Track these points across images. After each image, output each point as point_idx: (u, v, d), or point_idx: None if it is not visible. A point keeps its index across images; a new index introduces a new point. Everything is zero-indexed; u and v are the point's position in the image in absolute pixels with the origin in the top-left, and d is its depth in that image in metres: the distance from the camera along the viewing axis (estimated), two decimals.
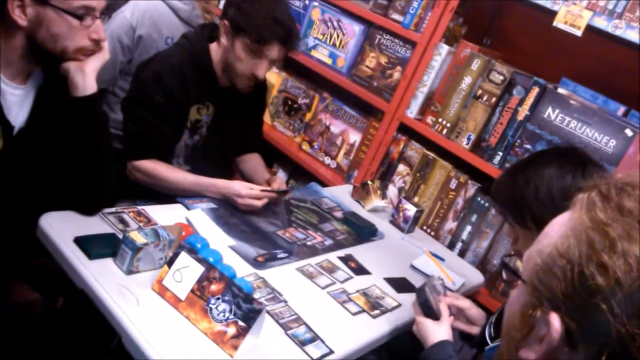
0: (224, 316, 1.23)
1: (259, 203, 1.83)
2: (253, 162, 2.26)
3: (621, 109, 2.01)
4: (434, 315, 1.46)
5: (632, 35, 1.76)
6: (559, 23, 1.88)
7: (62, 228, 1.41)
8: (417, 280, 1.83)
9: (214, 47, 1.93)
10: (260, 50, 1.84)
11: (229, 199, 1.84)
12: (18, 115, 1.39)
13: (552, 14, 1.90)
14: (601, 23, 1.82)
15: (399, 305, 1.67)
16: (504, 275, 1.99)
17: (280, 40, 1.85)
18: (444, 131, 2.21)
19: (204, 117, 1.96)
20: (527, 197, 1.34)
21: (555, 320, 0.64)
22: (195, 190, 1.85)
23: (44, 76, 1.42)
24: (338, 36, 2.54)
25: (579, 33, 1.84)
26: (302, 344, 1.34)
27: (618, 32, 1.78)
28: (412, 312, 1.53)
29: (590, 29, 1.84)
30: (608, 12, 1.82)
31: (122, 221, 1.53)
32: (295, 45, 1.91)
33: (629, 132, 1.83)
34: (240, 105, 2.05)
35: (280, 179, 2.04)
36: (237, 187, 1.83)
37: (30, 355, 1.52)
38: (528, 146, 2.02)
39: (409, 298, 1.71)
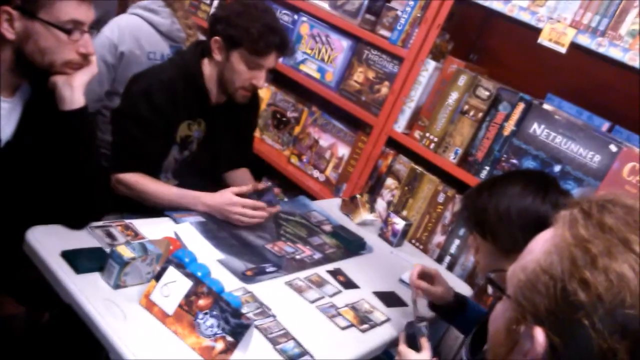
0: (212, 331, 1.23)
1: (253, 213, 1.82)
2: (241, 177, 2.26)
3: (605, 125, 2.04)
4: (416, 347, 1.46)
5: (615, 53, 1.79)
6: (543, 40, 1.91)
7: (49, 242, 1.40)
8: (405, 294, 1.83)
9: (205, 63, 1.94)
10: (258, 60, 1.86)
11: (218, 210, 1.83)
12: (5, 129, 1.39)
13: (537, 31, 1.93)
14: (585, 40, 1.85)
15: (388, 319, 1.67)
16: (490, 290, 2.01)
17: (277, 49, 1.88)
18: (432, 145, 2.23)
19: (195, 132, 1.97)
20: (488, 210, 1.39)
21: (539, 334, 0.65)
22: (179, 203, 1.84)
23: (32, 89, 1.42)
24: (326, 51, 2.57)
25: (563, 50, 1.88)
26: (290, 359, 1.34)
27: (601, 50, 1.82)
28: (401, 326, 1.53)
29: (574, 46, 1.87)
30: (591, 30, 1.86)
31: (110, 235, 1.52)
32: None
33: (613, 148, 1.86)
34: (232, 121, 2.06)
35: (270, 185, 2.03)
36: (227, 195, 1.82)
37: None
38: (514, 161, 2.04)
39: (397, 313, 1.72)
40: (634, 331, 0.60)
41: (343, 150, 2.57)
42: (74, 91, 1.39)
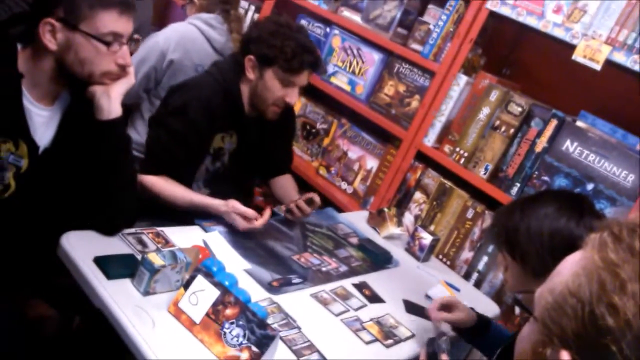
0: (237, 341, 1.24)
1: (256, 224, 1.80)
2: (283, 183, 2.28)
3: None
4: None
5: None
6: (578, 57, 1.89)
7: (82, 248, 1.43)
8: None
9: (242, 82, 1.97)
10: (292, 78, 1.89)
11: (228, 219, 1.82)
12: (44, 136, 1.43)
13: (572, 47, 1.91)
14: (620, 58, 1.82)
15: (413, 335, 1.66)
16: (517, 311, 1.98)
17: (311, 67, 1.91)
18: (462, 160, 2.22)
19: (227, 144, 2.00)
20: (519, 230, 1.36)
21: (565, 357, 0.65)
22: (192, 209, 1.85)
23: (71, 98, 1.47)
24: (357, 64, 2.58)
25: (598, 67, 1.85)
26: None
27: (637, 67, 1.79)
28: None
29: (609, 63, 1.85)
30: (627, 47, 1.83)
31: (141, 242, 1.55)
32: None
33: None
34: (265, 133, 2.09)
35: (314, 195, 2.02)
36: (230, 202, 1.81)
37: None
38: (546, 178, 2.01)
39: (422, 329, 1.70)
40: None
41: (372, 163, 2.57)
42: (112, 101, 1.42)
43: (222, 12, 2.40)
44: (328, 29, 2.71)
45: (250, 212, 1.79)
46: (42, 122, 1.42)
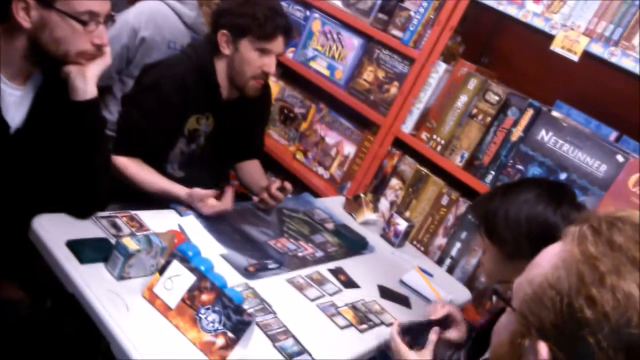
0: (213, 326, 1.24)
1: (218, 206, 1.78)
2: (252, 168, 2.26)
3: (613, 134, 2.04)
4: (415, 347, 1.42)
5: (627, 63, 1.79)
6: (556, 47, 1.91)
7: (54, 231, 1.40)
8: (405, 294, 1.84)
9: (217, 60, 1.94)
10: (267, 45, 1.87)
11: (192, 205, 1.80)
12: (15, 116, 1.39)
13: (550, 37, 1.93)
14: (598, 49, 1.84)
15: (387, 322, 1.67)
16: (494, 301, 2.01)
17: (284, 31, 1.90)
18: (438, 148, 2.23)
19: (203, 126, 1.97)
20: (498, 214, 1.39)
21: (543, 349, 0.65)
22: (163, 196, 1.83)
23: (44, 78, 1.43)
24: (337, 49, 2.56)
25: (575, 58, 1.87)
26: (289, 356, 1.34)
27: (614, 60, 1.81)
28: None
29: (586, 55, 1.87)
30: (605, 39, 1.85)
31: (115, 226, 1.53)
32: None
33: (620, 158, 1.85)
34: (242, 117, 2.06)
35: (278, 181, 2.01)
36: (192, 191, 1.79)
37: (14, 355, 1.51)
38: (520, 167, 2.04)
39: (396, 313, 1.72)
40: (638, 351, 0.60)
41: (349, 149, 2.57)
42: (87, 82, 1.39)
43: None
44: (308, 13, 2.68)
45: (209, 192, 1.77)
46: (14, 101, 1.37)
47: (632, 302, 0.61)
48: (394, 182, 2.40)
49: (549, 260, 0.70)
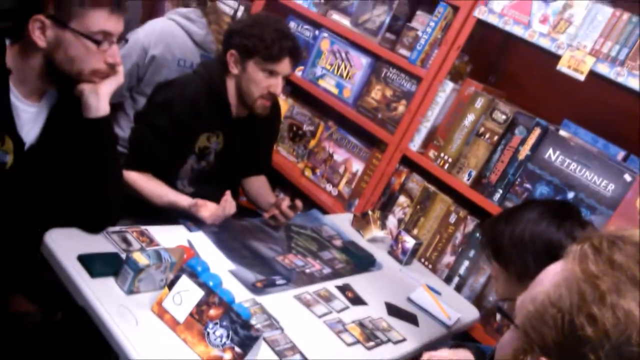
0: (220, 341, 1.25)
1: (219, 212, 1.82)
2: (258, 184, 2.28)
3: (621, 154, 2.05)
4: None
5: (633, 83, 1.80)
6: (562, 67, 1.92)
7: (66, 245, 1.43)
8: (413, 312, 1.84)
9: (227, 79, 1.97)
10: (274, 66, 1.91)
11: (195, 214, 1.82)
12: (30, 132, 1.42)
13: (557, 57, 1.95)
14: (604, 69, 1.86)
15: (395, 339, 1.67)
16: (498, 318, 2.01)
17: (290, 53, 1.93)
18: (446, 166, 2.25)
19: (213, 144, 2.00)
20: (503, 234, 1.41)
21: None
22: (171, 208, 1.85)
23: (58, 96, 1.46)
24: (345, 67, 2.59)
25: (582, 78, 1.89)
26: None
27: (620, 79, 1.83)
28: (407, 345, 1.54)
29: (593, 74, 1.88)
30: (611, 59, 1.87)
31: (125, 240, 1.55)
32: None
33: (627, 177, 1.86)
34: (252, 134, 2.10)
35: (287, 199, 2.04)
36: (195, 201, 1.83)
37: None
38: (528, 185, 2.04)
39: (405, 331, 1.72)
40: None
41: (357, 166, 2.59)
42: (100, 99, 1.42)
43: (199, 5, 2.40)
44: (317, 32, 2.72)
45: (213, 203, 1.80)
46: (29, 118, 1.41)
47: (632, 320, 0.62)
48: (402, 199, 2.41)
49: (550, 278, 0.71)
